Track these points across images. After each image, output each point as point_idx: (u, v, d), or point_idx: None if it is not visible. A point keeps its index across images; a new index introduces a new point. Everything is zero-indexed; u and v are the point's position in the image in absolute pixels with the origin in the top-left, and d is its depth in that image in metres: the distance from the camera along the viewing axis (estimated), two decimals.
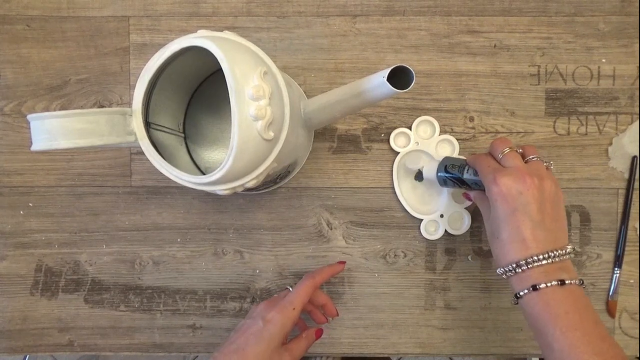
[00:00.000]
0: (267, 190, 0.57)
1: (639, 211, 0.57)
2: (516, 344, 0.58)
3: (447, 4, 0.57)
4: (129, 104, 0.58)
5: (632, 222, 0.57)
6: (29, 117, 0.38)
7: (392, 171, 0.57)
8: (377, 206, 0.58)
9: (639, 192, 0.57)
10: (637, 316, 0.57)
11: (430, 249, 0.58)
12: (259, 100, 0.38)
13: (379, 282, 0.58)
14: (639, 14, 0.57)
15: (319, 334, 0.52)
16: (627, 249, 0.57)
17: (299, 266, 0.58)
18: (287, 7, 0.57)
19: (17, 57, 0.58)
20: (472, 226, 0.57)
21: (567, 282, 0.42)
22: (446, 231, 0.57)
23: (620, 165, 0.57)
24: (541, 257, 0.42)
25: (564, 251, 0.43)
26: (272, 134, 0.40)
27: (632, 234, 0.57)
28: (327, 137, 0.58)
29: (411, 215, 0.57)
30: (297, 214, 0.58)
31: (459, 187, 0.51)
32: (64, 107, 0.58)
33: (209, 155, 0.55)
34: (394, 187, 0.57)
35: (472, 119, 0.57)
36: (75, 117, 0.38)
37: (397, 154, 0.57)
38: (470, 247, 0.58)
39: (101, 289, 0.58)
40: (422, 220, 0.57)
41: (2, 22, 0.58)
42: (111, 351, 0.59)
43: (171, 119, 0.50)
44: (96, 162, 0.58)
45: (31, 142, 0.39)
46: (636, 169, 0.57)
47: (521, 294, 0.43)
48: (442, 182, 0.52)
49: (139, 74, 0.41)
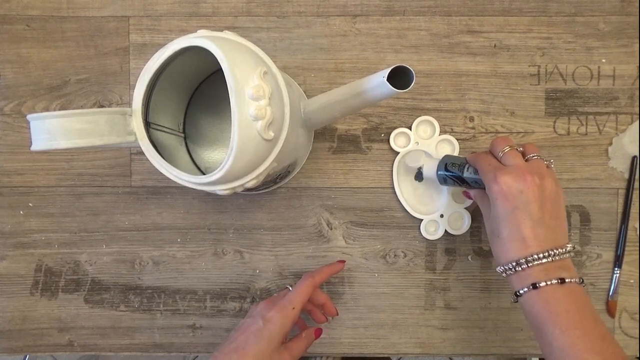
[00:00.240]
0: (267, 190, 0.57)
1: (639, 211, 0.57)
2: (516, 344, 0.58)
3: (447, 4, 0.57)
4: (129, 104, 0.58)
5: (632, 222, 0.57)
6: (29, 117, 0.38)
7: (392, 171, 0.57)
8: (377, 206, 0.58)
9: (639, 192, 0.57)
10: (637, 316, 0.57)
11: (430, 249, 0.58)
12: (259, 100, 0.38)
13: (379, 282, 0.58)
14: (639, 14, 0.57)
15: (318, 333, 0.52)
16: (627, 249, 0.57)
17: (299, 266, 0.58)
18: (287, 7, 0.57)
19: (17, 57, 0.58)
20: (472, 226, 0.57)
21: (567, 280, 0.42)
22: (446, 231, 0.57)
23: (620, 165, 0.57)
24: (541, 255, 0.42)
25: (564, 250, 0.43)
26: (272, 134, 0.40)
27: (632, 234, 0.57)
28: (327, 137, 0.58)
29: (411, 215, 0.57)
30: (297, 214, 0.58)
31: (459, 186, 0.51)
32: (63, 107, 0.58)
33: (209, 155, 0.55)
34: (394, 187, 0.57)
35: (472, 119, 0.57)
36: (75, 117, 0.38)
37: (397, 154, 0.57)
38: (470, 247, 0.58)
39: (101, 289, 0.58)
40: (422, 220, 0.57)
41: (2, 22, 0.58)
42: (111, 351, 0.59)
43: (171, 119, 0.50)
44: (96, 162, 0.58)
45: (31, 142, 0.39)
46: (636, 169, 0.57)
47: (521, 292, 0.43)
48: (442, 180, 0.52)
49: (139, 74, 0.41)
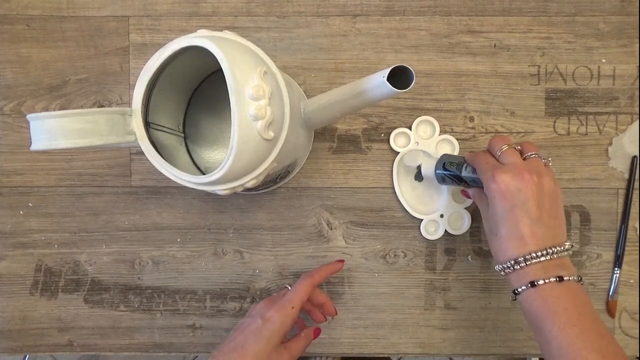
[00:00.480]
0: (267, 190, 0.57)
1: (639, 211, 0.57)
2: (516, 344, 0.58)
3: (447, 4, 0.57)
4: (129, 104, 0.58)
5: (632, 222, 0.57)
6: (29, 117, 0.38)
7: (392, 171, 0.57)
8: (377, 206, 0.58)
9: (639, 192, 0.57)
10: (637, 316, 0.57)
11: (430, 249, 0.58)
12: (259, 100, 0.38)
13: (379, 282, 0.58)
14: (639, 14, 0.57)
15: (317, 333, 0.52)
16: (627, 249, 0.57)
17: (298, 266, 0.58)
18: (287, 7, 0.57)
19: (17, 57, 0.58)
20: (472, 226, 0.57)
21: (565, 278, 0.42)
22: (446, 231, 0.57)
23: (620, 165, 0.57)
24: (539, 253, 0.42)
25: (562, 248, 0.43)
26: (272, 134, 0.40)
27: (632, 234, 0.57)
28: (327, 137, 0.58)
29: (411, 215, 0.57)
30: (297, 214, 0.58)
31: (457, 185, 0.51)
32: (63, 107, 0.58)
33: (209, 155, 0.55)
34: (394, 187, 0.57)
35: (472, 119, 0.57)
36: (74, 117, 0.38)
37: (397, 153, 0.57)
38: (470, 247, 0.58)
39: (101, 289, 0.58)
40: (422, 220, 0.57)
41: (2, 22, 0.58)
42: (111, 351, 0.59)
43: (171, 118, 0.50)
44: (96, 162, 0.58)
45: (31, 142, 0.39)
46: (636, 169, 0.57)
47: (519, 290, 0.43)
48: (441, 179, 0.52)
49: (139, 73, 0.41)
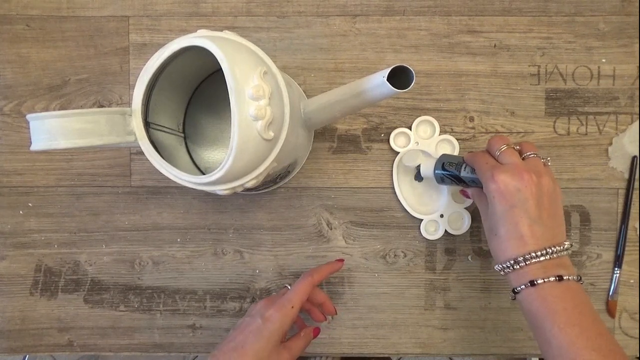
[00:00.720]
0: (267, 190, 0.57)
1: (639, 211, 0.57)
2: (516, 344, 0.58)
3: (447, 4, 0.57)
4: (129, 104, 0.58)
5: (632, 222, 0.57)
6: (29, 117, 0.38)
7: (392, 171, 0.57)
8: (377, 206, 0.58)
9: (639, 192, 0.57)
10: (637, 316, 0.57)
11: (430, 249, 0.58)
12: (259, 100, 0.38)
13: (379, 282, 0.58)
14: (639, 14, 0.57)
15: (316, 332, 0.52)
16: (627, 249, 0.57)
17: (298, 266, 0.58)
18: (287, 7, 0.57)
19: (16, 57, 0.58)
20: (472, 226, 0.57)
21: (565, 278, 0.42)
22: (446, 231, 0.57)
23: (620, 165, 0.57)
24: (539, 253, 0.42)
25: (561, 247, 0.43)
26: (272, 134, 0.40)
27: (632, 234, 0.57)
28: (327, 137, 0.58)
29: (411, 215, 0.57)
30: (297, 214, 0.58)
31: (457, 185, 0.51)
32: (63, 107, 0.58)
33: (208, 155, 0.55)
34: (394, 187, 0.57)
35: (472, 119, 0.57)
36: (74, 117, 0.38)
37: (397, 154, 0.57)
38: (470, 247, 0.58)
39: (101, 289, 0.58)
40: (422, 220, 0.57)
41: (2, 22, 0.58)
42: (111, 351, 0.59)
43: (171, 118, 0.50)
44: (96, 162, 0.58)
45: (31, 142, 0.39)
46: (636, 169, 0.57)
47: (518, 289, 0.43)
48: (440, 179, 0.52)
49: (139, 73, 0.41)
